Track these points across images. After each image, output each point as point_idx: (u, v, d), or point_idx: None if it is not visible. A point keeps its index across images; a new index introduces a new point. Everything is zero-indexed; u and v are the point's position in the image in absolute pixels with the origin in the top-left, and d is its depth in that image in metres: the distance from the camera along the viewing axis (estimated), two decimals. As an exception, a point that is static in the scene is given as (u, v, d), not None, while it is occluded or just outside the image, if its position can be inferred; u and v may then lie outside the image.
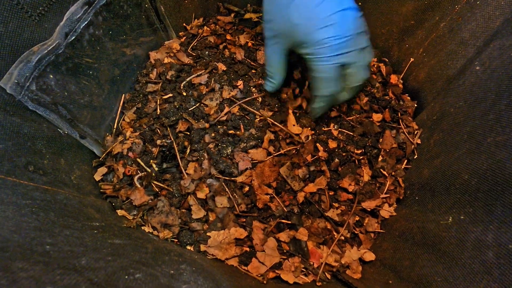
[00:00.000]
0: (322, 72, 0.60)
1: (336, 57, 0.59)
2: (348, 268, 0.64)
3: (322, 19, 0.56)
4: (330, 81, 0.61)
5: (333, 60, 0.59)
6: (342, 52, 0.58)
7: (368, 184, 0.69)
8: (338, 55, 0.58)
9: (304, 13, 0.57)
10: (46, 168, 0.58)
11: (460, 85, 0.63)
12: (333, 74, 0.60)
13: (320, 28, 0.56)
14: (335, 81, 0.62)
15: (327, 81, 0.62)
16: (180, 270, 0.50)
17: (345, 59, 0.59)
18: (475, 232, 0.46)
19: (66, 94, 0.63)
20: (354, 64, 0.61)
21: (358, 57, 0.60)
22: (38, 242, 0.40)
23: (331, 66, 0.59)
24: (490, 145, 0.49)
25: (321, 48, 0.58)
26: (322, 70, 0.60)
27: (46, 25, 0.56)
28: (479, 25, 0.62)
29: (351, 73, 0.62)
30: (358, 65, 0.61)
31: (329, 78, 0.61)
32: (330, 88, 0.63)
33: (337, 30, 0.56)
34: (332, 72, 0.60)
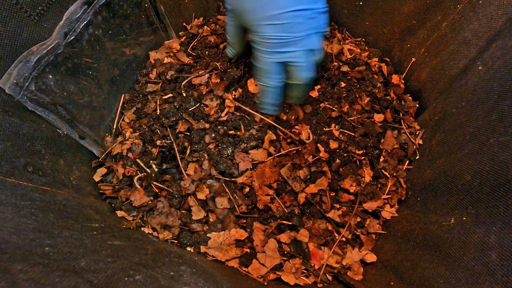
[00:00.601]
0: (261, 64, 0.63)
1: (277, 54, 0.60)
2: (349, 270, 0.64)
3: (270, 15, 0.56)
4: (269, 73, 0.63)
5: (273, 56, 0.60)
6: (283, 51, 0.59)
7: (369, 185, 0.69)
8: (279, 53, 0.59)
9: (256, 2, 0.56)
10: (45, 169, 0.58)
11: (462, 85, 0.63)
12: (271, 68, 0.62)
13: (265, 24, 0.57)
14: (275, 75, 0.63)
15: (266, 73, 0.64)
16: (180, 271, 0.50)
17: (286, 59, 0.60)
18: (477, 233, 0.46)
19: (65, 94, 0.63)
20: (296, 63, 0.61)
21: (302, 58, 0.61)
22: (37, 244, 0.40)
23: (270, 61, 0.61)
24: (493, 145, 0.49)
25: (263, 42, 0.59)
26: (261, 61, 0.63)
27: (45, 25, 0.56)
28: (482, 24, 0.62)
29: (292, 71, 0.63)
30: (300, 65, 0.61)
31: (268, 71, 0.63)
32: (268, 80, 0.64)
33: (282, 30, 0.57)
34: (270, 66, 0.62)
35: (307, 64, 0.62)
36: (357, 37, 0.90)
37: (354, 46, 0.87)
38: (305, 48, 0.60)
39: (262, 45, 0.60)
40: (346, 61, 0.83)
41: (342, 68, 0.82)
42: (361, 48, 0.87)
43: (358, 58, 0.84)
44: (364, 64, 0.83)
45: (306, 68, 0.62)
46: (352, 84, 0.80)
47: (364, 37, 0.89)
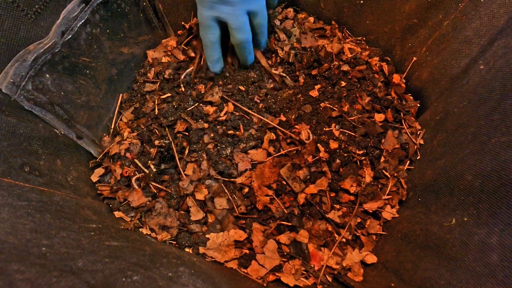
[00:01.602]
0: (200, 18, 0.69)
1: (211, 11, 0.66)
2: (350, 271, 0.64)
3: None
4: (205, 28, 0.70)
5: (208, 12, 0.66)
6: (218, 8, 0.64)
7: (370, 185, 0.70)
8: (214, 9, 0.65)
9: None
10: (42, 169, 0.58)
11: (464, 84, 0.63)
12: (208, 23, 0.68)
13: None
14: (210, 29, 0.70)
15: (203, 28, 0.70)
16: (178, 272, 0.50)
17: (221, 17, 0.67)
18: (479, 234, 0.46)
19: (63, 93, 0.63)
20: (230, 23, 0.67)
21: (235, 19, 0.67)
22: (34, 244, 0.40)
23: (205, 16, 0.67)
24: (495, 145, 0.49)
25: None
26: (199, 16, 0.69)
27: (42, 24, 0.56)
28: (484, 23, 0.63)
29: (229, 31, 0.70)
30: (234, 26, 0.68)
31: (204, 25, 0.69)
32: (205, 34, 0.71)
33: None
34: (207, 21, 0.68)
35: (240, 26, 0.67)
36: (357, 36, 0.90)
37: (354, 45, 0.87)
38: (242, 9, 0.65)
39: (202, 1, 0.65)
40: (346, 60, 0.83)
41: (343, 67, 0.82)
42: (361, 47, 0.87)
43: (358, 57, 0.84)
44: (364, 63, 0.83)
45: (240, 30, 0.68)
46: (352, 84, 0.80)
47: (365, 36, 0.89)
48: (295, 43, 0.84)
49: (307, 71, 0.83)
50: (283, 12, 0.91)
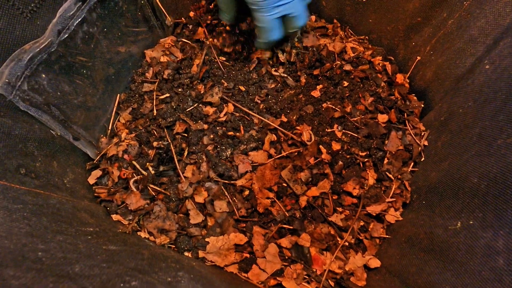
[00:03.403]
0: (264, 23, 0.66)
1: (277, 9, 0.63)
2: (352, 275, 0.64)
3: None
4: (271, 30, 0.68)
5: (274, 12, 0.63)
6: (281, 3, 0.62)
7: (373, 187, 0.70)
8: (279, 6, 0.63)
9: None
10: (38, 171, 0.58)
11: (469, 84, 0.63)
12: (274, 24, 0.66)
13: None
14: (276, 30, 0.68)
15: (269, 31, 0.68)
16: (177, 277, 0.50)
17: (285, 11, 0.64)
18: (484, 237, 0.46)
19: (59, 94, 0.63)
20: (294, 13, 0.65)
21: (298, 6, 0.65)
22: (30, 249, 0.40)
23: (271, 18, 0.64)
24: (501, 147, 0.49)
25: (262, 1, 0.61)
26: (263, 20, 0.65)
27: (38, 22, 0.56)
28: (489, 22, 0.63)
29: (290, 21, 0.68)
30: (298, 14, 0.66)
31: (270, 28, 0.67)
32: (271, 37, 0.70)
33: None
34: (273, 23, 0.65)
35: (303, 12, 0.67)
36: (360, 35, 0.90)
37: (357, 44, 0.87)
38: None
39: (262, 5, 0.62)
40: (349, 60, 0.83)
41: (345, 67, 0.82)
42: (364, 46, 0.87)
43: (361, 57, 0.84)
44: (367, 63, 0.83)
45: (303, 16, 0.68)
46: (355, 84, 0.80)
47: (368, 35, 0.89)
48: (296, 43, 0.84)
49: (308, 71, 0.83)
50: None
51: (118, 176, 0.70)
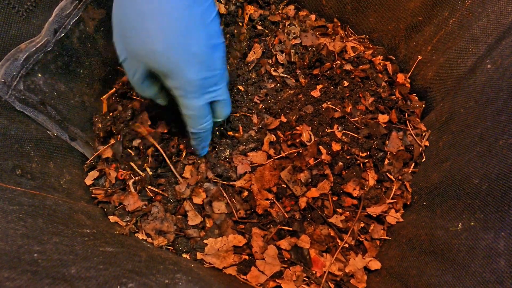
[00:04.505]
0: (192, 110, 0.58)
1: (207, 95, 0.57)
2: (353, 277, 0.64)
3: (193, 54, 0.51)
4: (203, 117, 0.60)
5: (203, 98, 0.57)
6: (212, 89, 0.57)
7: (373, 188, 0.70)
8: (209, 92, 0.57)
9: (170, 41, 0.49)
10: (35, 172, 0.58)
11: (471, 84, 0.63)
12: (204, 111, 0.59)
13: (190, 66, 0.52)
14: (207, 117, 0.60)
15: (200, 118, 0.60)
16: (175, 279, 0.50)
17: (215, 98, 0.58)
18: (486, 239, 0.46)
19: (55, 94, 0.63)
20: (223, 100, 0.60)
21: (226, 93, 0.60)
22: (25, 250, 0.40)
23: (200, 105, 0.57)
24: (502, 147, 0.49)
25: (191, 86, 0.54)
26: (191, 107, 0.57)
27: (34, 21, 0.56)
28: (491, 21, 0.63)
29: (217, 109, 0.61)
30: (225, 100, 0.60)
31: (201, 115, 0.59)
32: (204, 125, 0.61)
33: (208, 68, 0.53)
34: (203, 110, 0.58)
35: (229, 99, 0.61)
36: (360, 34, 0.90)
37: (357, 44, 0.87)
38: (225, 82, 0.59)
39: (189, 90, 0.55)
40: (349, 59, 0.84)
41: (345, 67, 0.82)
42: (365, 45, 0.87)
43: (361, 56, 0.84)
44: (368, 62, 0.83)
45: (229, 103, 0.62)
46: (355, 83, 0.80)
47: (368, 34, 0.89)
48: (294, 40, 0.84)
49: (308, 71, 0.83)
50: (284, 10, 0.91)
51: (115, 177, 0.70)
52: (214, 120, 0.64)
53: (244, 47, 0.84)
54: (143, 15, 0.48)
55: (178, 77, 0.52)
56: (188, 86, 0.54)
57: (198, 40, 0.51)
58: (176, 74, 0.52)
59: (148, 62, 0.52)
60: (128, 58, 0.54)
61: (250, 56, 0.83)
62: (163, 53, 0.50)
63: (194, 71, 0.52)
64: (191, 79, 0.53)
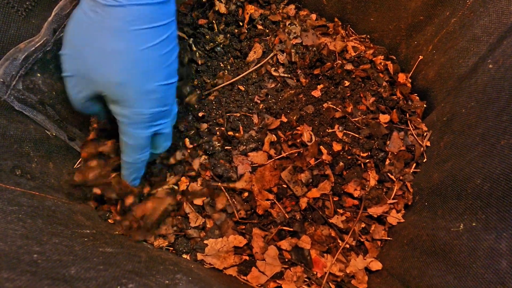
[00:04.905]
0: (134, 139, 0.57)
1: (153, 128, 0.57)
2: (354, 278, 0.64)
3: (148, 90, 0.52)
4: (142, 148, 0.59)
5: (148, 130, 0.56)
6: (159, 123, 0.57)
7: (374, 189, 0.70)
8: (156, 125, 0.57)
9: (130, 77, 0.50)
10: (34, 172, 0.58)
11: (472, 84, 0.63)
12: (145, 142, 0.58)
13: (145, 101, 0.52)
14: (146, 148, 0.60)
15: (139, 148, 0.59)
16: (175, 280, 0.50)
17: (160, 130, 0.58)
18: (487, 240, 0.46)
19: (54, 93, 0.63)
20: (166, 133, 0.60)
21: (170, 127, 0.60)
22: (25, 251, 0.40)
23: (144, 136, 0.57)
24: (504, 148, 0.49)
25: (140, 118, 0.54)
26: (134, 137, 0.56)
27: (33, 21, 0.56)
28: (492, 20, 0.63)
29: (158, 141, 0.61)
30: (168, 133, 0.60)
31: (141, 146, 0.58)
32: (141, 156, 0.60)
33: (160, 103, 0.54)
34: (145, 141, 0.58)
35: (171, 132, 0.62)
36: (361, 33, 0.90)
37: (358, 43, 0.87)
38: (172, 117, 0.59)
39: (138, 121, 0.54)
40: (350, 59, 0.84)
41: (346, 67, 0.82)
42: (365, 45, 0.87)
43: (362, 56, 0.84)
44: (369, 62, 0.83)
45: (171, 136, 0.62)
46: (356, 83, 0.80)
47: (369, 34, 0.89)
48: (294, 40, 0.84)
49: (309, 71, 0.83)
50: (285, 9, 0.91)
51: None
52: (153, 152, 0.63)
53: (245, 46, 0.84)
54: (108, 49, 0.48)
55: (129, 108, 0.52)
56: (138, 118, 0.54)
57: (157, 80, 0.52)
58: (129, 105, 0.52)
59: (101, 88, 0.52)
60: (76, 77, 0.53)
61: (250, 56, 0.83)
62: (120, 86, 0.50)
63: (147, 106, 0.53)
64: (142, 112, 0.53)
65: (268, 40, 0.84)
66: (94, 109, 0.60)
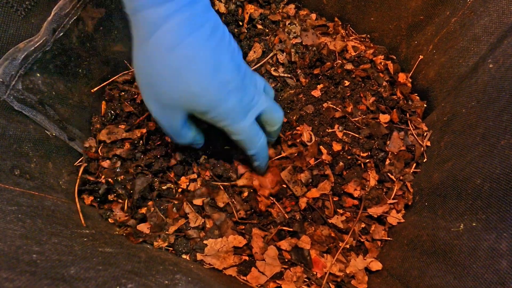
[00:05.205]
0: (242, 134, 0.57)
1: (250, 112, 0.57)
2: (353, 278, 0.64)
3: (225, 83, 0.52)
4: (254, 137, 0.59)
5: (248, 117, 0.57)
6: (252, 104, 0.57)
7: (374, 189, 0.70)
8: (251, 109, 0.57)
9: (204, 80, 0.51)
10: (33, 172, 0.58)
11: (472, 84, 0.63)
12: (254, 130, 0.58)
13: (227, 94, 0.53)
14: (260, 132, 0.60)
15: (251, 139, 0.59)
16: (175, 280, 0.50)
17: (259, 110, 0.58)
18: (488, 240, 0.46)
19: (54, 93, 0.63)
20: (267, 109, 0.59)
21: (266, 101, 0.59)
22: (24, 251, 0.40)
23: (249, 124, 0.57)
24: (504, 148, 0.49)
25: (233, 112, 0.55)
26: (241, 132, 0.57)
27: (33, 21, 0.56)
28: (493, 20, 0.63)
29: (267, 119, 0.61)
30: (269, 108, 0.60)
31: (252, 135, 0.59)
32: (257, 143, 0.60)
33: (241, 89, 0.54)
34: (252, 128, 0.58)
35: (274, 103, 0.62)
36: (361, 33, 0.90)
37: (358, 43, 0.87)
38: (260, 91, 0.59)
39: (233, 116, 0.55)
40: (350, 59, 0.84)
41: (346, 66, 0.82)
42: (366, 45, 0.87)
43: (362, 56, 0.84)
44: (369, 61, 0.83)
45: (277, 107, 0.62)
46: (356, 83, 0.80)
47: (369, 34, 0.89)
48: (294, 40, 0.84)
49: (309, 70, 0.83)
50: (284, 9, 0.91)
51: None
52: (271, 130, 0.64)
53: (244, 46, 0.84)
54: (176, 66, 0.50)
55: (219, 109, 0.53)
56: (231, 113, 0.54)
57: (227, 69, 0.52)
58: (216, 107, 0.53)
59: (187, 105, 0.53)
60: (162, 110, 0.55)
61: (250, 55, 0.83)
62: (201, 93, 0.51)
63: (231, 98, 0.53)
64: (231, 106, 0.53)
65: (268, 39, 0.84)
66: (191, 134, 0.61)
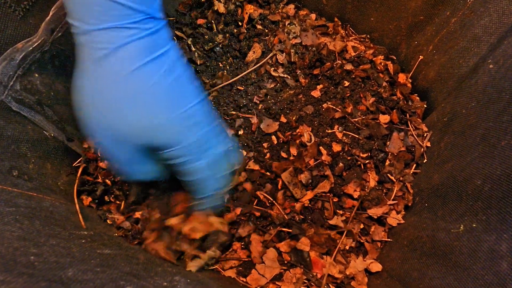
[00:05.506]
0: (200, 173, 0.54)
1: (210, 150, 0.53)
2: (353, 280, 0.64)
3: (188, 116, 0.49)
4: (210, 178, 0.55)
5: (208, 155, 0.53)
6: (214, 142, 0.53)
7: (374, 190, 0.70)
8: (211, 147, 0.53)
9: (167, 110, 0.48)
10: (31, 173, 0.58)
11: (473, 84, 0.63)
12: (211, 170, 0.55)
13: (190, 127, 0.50)
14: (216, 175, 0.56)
15: (211, 179, 0.55)
16: (174, 282, 0.50)
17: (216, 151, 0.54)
18: (488, 241, 0.46)
19: (52, 94, 0.63)
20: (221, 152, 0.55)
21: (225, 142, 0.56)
22: (22, 253, 0.40)
23: (207, 162, 0.53)
24: (505, 148, 0.49)
25: (194, 147, 0.51)
26: (201, 169, 0.53)
27: (31, 21, 0.56)
28: (493, 20, 0.63)
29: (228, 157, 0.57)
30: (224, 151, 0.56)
31: (212, 174, 0.55)
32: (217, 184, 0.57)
33: (204, 123, 0.51)
34: (210, 167, 0.54)
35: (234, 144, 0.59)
36: (361, 33, 0.90)
37: (358, 43, 0.87)
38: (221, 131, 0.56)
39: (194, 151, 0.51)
40: (350, 59, 0.83)
41: (346, 67, 0.82)
42: (365, 45, 0.87)
43: (362, 56, 0.84)
44: (369, 62, 0.83)
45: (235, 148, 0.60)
46: (356, 83, 0.80)
47: (369, 34, 0.89)
48: (294, 40, 0.84)
49: (308, 71, 0.83)
50: (284, 9, 0.91)
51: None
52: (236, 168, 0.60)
53: (244, 46, 0.84)
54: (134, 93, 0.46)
55: (180, 144, 0.50)
56: (193, 148, 0.51)
57: (190, 100, 0.49)
58: (178, 141, 0.49)
59: (145, 138, 0.49)
60: (113, 143, 0.50)
61: (249, 56, 0.83)
62: (165, 125, 0.48)
63: (193, 131, 0.50)
64: (193, 140, 0.50)
65: (268, 40, 0.84)
66: (147, 169, 0.56)
